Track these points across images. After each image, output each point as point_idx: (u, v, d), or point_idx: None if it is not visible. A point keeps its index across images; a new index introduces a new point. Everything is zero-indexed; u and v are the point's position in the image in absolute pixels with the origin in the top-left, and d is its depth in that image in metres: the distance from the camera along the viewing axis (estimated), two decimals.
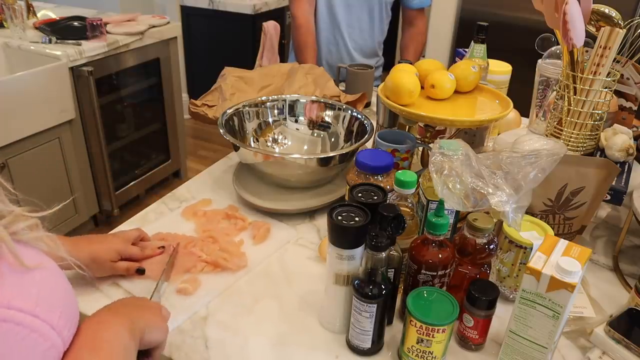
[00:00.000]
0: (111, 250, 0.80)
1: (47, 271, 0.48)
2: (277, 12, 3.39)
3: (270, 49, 2.21)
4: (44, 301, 0.45)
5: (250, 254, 0.90)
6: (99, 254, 0.79)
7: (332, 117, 1.20)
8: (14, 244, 0.45)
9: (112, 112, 2.36)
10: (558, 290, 0.61)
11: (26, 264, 0.45)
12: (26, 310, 0.43)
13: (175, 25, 2.54)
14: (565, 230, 0.89)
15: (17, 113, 1.86)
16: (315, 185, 1.07)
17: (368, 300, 0.67)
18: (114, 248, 0.81)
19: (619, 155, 0.97)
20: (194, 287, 0.82)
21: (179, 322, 0.76)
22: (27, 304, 0.43)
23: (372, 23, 1.84)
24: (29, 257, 0.46)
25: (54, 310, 0.46)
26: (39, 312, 0.44)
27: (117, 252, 0.81)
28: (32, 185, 2.01)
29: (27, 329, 0.42)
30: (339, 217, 0.67)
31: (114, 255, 0.81)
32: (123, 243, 0.83)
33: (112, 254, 0.80)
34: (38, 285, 0.46)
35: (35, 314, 0.43)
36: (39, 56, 2.02)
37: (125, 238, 0.84)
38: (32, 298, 0.44)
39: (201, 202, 1.05)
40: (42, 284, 0.46)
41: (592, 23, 0.99)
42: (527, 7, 1.11)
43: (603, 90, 0.95)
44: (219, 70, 1.39)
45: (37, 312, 0.43)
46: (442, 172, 0.73)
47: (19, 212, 0.48)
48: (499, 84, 1.30)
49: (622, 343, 0.73)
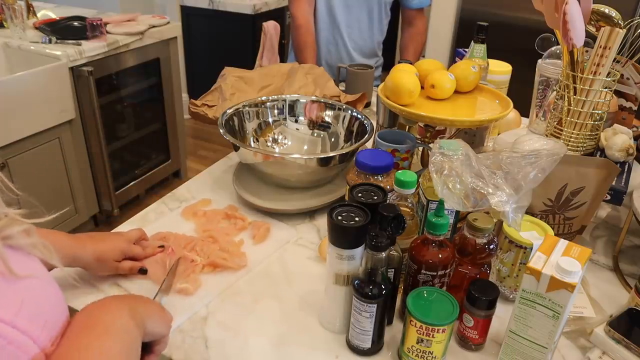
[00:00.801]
0: (116, 250, 0.80)
1: (37, 279, 0.47)
2: (277, 12, 3.39)
3: (270, 49, 2.22)
4: (27, 311, 0.43)
5: (250, 254, 0.90)
6: (103, 253, 0.79)
7: (332, 117, 1.20)
8: (4, 250, 0.43)
9: (112, 112, 2.36)
10: (558, 290, 0.61)
11: (15, 271, 0.43)
12: (5, 320, 0.41)
13: (175, 25, 2.54)
14: (565, 230, 0.89)
15: (17, 113, 1.86)
16: (315, 185, 1.07)
17: (368, 300, 0.67)
18: (118, 247, 0.81)
19: (619, 155, 0.97)
20: (194, 287, 0.82)
21: (180, 322, 0.76)
22: (6, 314, 0.41)
23: (372, 23, 1.84)
24: (20, 263, 0.45)
25: (37, 321, 0.44)
26: (18, 322, 0.42)
27: (121, 251, 0.81)
28: (32, 185, 2.01)
29: (4, 340, 0.41)
30: (339, 217, 0.67)
31: (118, 254, 0.81)
32: (126, 242, 0.83)
33: (116, 253, 0.80)
34: (23, 294, 0.44)
35: (14, 325, 0.42)
36: (39, 56, 2.02)
37: (128, 238, 0.84)
38: (13, 308, 0.42)
39: (201, 202, 1.05)
40: (28, 292, 0.45)
41: (592, 23, 0.99)
42: (527, 7, 1.11)
43: (603, 90, 0.95)
44: (219, 70, 1.39)
45: (16, 323, 0.42)
46: (442, 172, 0.73)
47: (13, 216, 0.46)
48: (499, 84, 1.30)
49: (622, 343, 0.73)
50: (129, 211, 2.51)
